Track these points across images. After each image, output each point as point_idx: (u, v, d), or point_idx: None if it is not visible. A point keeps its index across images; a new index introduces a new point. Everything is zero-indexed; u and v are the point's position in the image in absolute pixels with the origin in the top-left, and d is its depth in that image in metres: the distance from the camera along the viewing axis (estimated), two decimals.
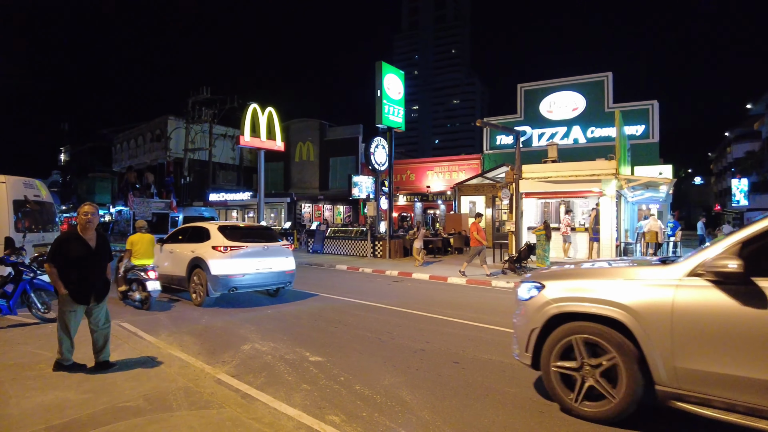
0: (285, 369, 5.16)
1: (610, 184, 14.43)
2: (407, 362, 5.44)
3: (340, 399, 4.31)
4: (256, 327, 7.18)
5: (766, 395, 2.90)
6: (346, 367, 5.22)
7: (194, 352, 5.76)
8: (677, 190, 70.86)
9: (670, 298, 3.26)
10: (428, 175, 32.21)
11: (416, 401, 4.27)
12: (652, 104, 26.24)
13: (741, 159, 52.65)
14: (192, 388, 4.40)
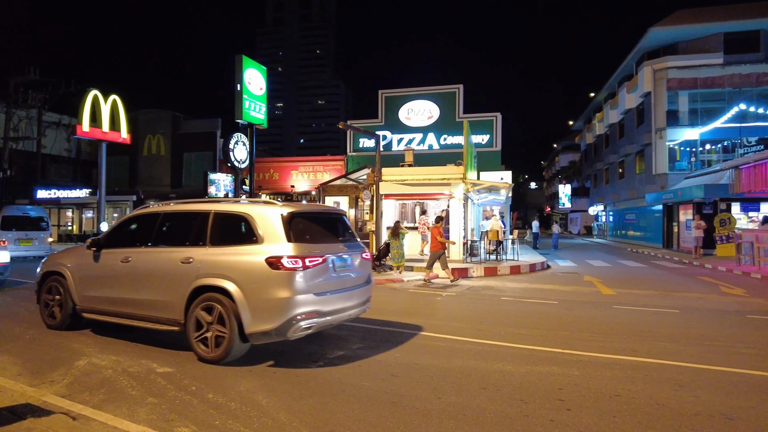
0: (128, 383, 4.78)
1: (458, 188, 15.76)
2: (263, 365, 5.39)
3: (191, 410, 4.13)
4: (93, 340, 6.50)
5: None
6: (199, 377, 5.00)
7: (13, 374, 5.04)
8: (516, 194, 79.51)
9: None
10: (293, 175, 31.88)
11: (273, 404, 4.27)
12: (496, 116, 29.16)
13: (566, 168, 61.10)
14: (6, 416, 3.86)
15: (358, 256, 6.16)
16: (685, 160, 28.26)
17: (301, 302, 5.15)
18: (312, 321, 5.29)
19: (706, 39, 27.97)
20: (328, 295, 5.47)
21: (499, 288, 12.03)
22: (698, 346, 6.38)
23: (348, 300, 5.81)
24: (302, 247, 5.29)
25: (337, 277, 5.68)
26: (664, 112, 27.89)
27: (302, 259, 5.20)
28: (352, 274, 5.98)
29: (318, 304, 5.32)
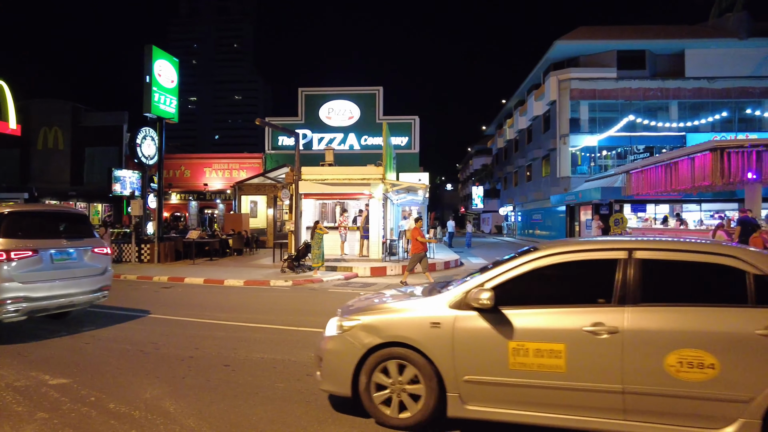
0: (14, 398, 4.33)
1: (378, 188, 15.96)
2: (173, 372, 5.13)
3: (88, 422, 3.83)
4: None
5: None
6: (99, 387, 4.65)
7: None
8: (433, 194, 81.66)
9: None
10: (206, 173, 30.58)
11: (181, 410, 4.07)
12: (414, 119, 29.86)
13: (479, 170, 63.99)
14: None
15: (88, 251, 7.07)
16: (586, 165, 30.70)
17: (6, 289, 6.00)
18: (20, 305, 6.13)
19: (603, 54, 30.58)
20: (39, 283, 6.30)
21: (416, 284, 12.31)
22: None
23: (69, 288, 6.67)
24: (11, 242, 6.17)
25: (54, 268, 6.54)
26: (567, 119, 30.11)
27: (7, 252, 6.07)
28: (78, 267, 6.86)
29: (26, 291, 6.17)
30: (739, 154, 13.64)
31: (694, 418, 3.15)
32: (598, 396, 3.30)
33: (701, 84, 29.02)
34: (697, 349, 3.13)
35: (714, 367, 3.09)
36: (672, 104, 29.72)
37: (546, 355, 3.37)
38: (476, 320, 3.58)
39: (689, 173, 15.17)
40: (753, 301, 3.20)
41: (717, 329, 3.15)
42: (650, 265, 3.46)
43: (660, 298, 3.38)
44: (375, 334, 3.83)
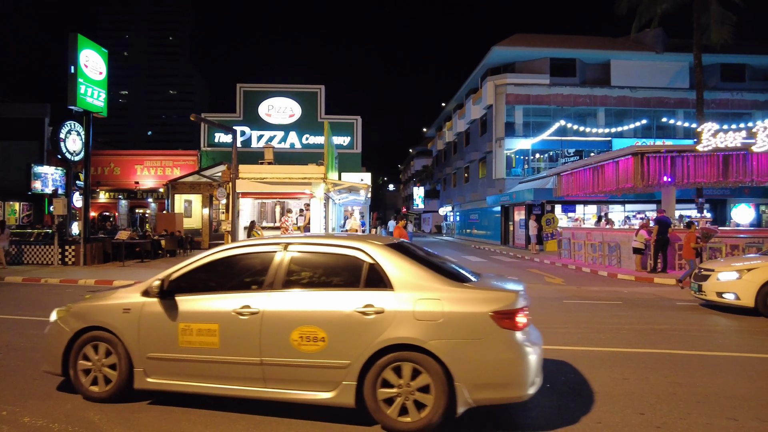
0: None
1: (319, 187, 15.86)
2: None
3: None
4: None
5: None
6: (13, 400, 4.32)
7: None
8: (376, 195, 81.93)
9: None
10: (138, 170, 29.14)
11: (107, 419, 3.87)
12: (357, 119, 29.92)
13: (420, 171, 65.03)
14: None
15: None
16: (520, 167, 31.97)
17: None
18: None
19: (537, 61, 31.96)
20: None
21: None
22: None
23: None
24: None
25: None
26: (503, 123, 31.21)
27: None
28: None
29: None
30: (656, 159, 14.70)
31: (312, 383, 3.71)
32: (243, 368, 3.83)
33: (625, 93, 31.05)
34: (313, 325, 3.70)
35: (324, 339, 3.66)
36: (599, 111, 31.56)
37: (205, 334, 3.91)
38: (156, 306, 4.09)
39: (614, 176, 16.17)
40: (363, 285, 3.82)
41: (328, 308, 3.74)
42: (297, 256, 4.10)
43: (298, 283, 3.98)
44: (81, 320, 4.29)
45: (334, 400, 3.65)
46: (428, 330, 3.54)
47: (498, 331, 3.50)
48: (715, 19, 19.92)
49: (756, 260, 8.67)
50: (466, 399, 3.47)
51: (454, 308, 3.57)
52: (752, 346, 6.42)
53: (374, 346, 3.56)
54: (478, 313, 3.54)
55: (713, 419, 3.90)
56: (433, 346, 3.49)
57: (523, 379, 3.50)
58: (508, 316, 3.53)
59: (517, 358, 3.50)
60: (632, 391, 4.52)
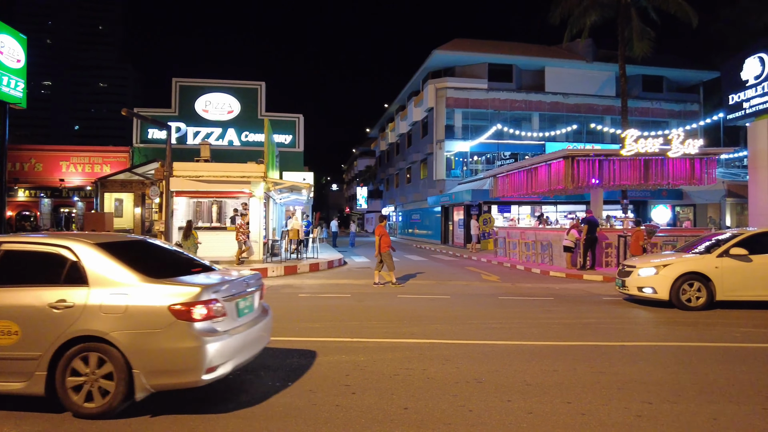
0: None
1: (259, 186, 15.51)
2: None
3: None
4: None
5: None
6: None
7: None
8: (319, 194, 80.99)
9: None
10: (63, 167, 27.33)
11: None
12: (299, 118, 29.54)
13: (363, 171, 65.16)
14: None
15: None
16: (459, 169, 32.78)
17: None
18: None
19: (476, 66, 32.90)
20: None
21: (298, 285, 12.21)
22: (462, 325, 7.48)
23: None
24: None
25: None
26: (443, 126, 31.89)
27: None
28: None
29: None
30: (585, 162, 15.54)
31: (5, 375, 3.87)
32: None
33: (558, 99, 32.62)
34: (8, 320, 3.88)
35: (18, 333, 3.86)
36: (534, 115, 32.96)
37: None
38: None
39: (546, 178, 16.93)
40: (63, 281, 4.05)
41: (24, 304, 3.93)
42: (10, 254, 4.25)
43: (5, 280, 4.11)
44: None
45: (26, 389, 3.83)
46: (112, 322, 3.82)
47: (175, 322, 3.81)
48: (636, 33, 21.35)
49: (670, 257, 9.39)
50: (144, 385, 3.78)
51: (138, 302, 3.86)
52: (666, 335, 6.94)
53: (63, 338, 3.79)
54: (157, 306, 3.84)
55: (631, 403, 4.19)
56: (114, 336, 3.78)
57: (199, 365, 3.80)
58: (185, 308, 3.82)
59: (194, 347, 3.79)
60: (561, 382, 4.77)
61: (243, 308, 4.44)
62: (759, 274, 8.62)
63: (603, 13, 22.27)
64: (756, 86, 15.24)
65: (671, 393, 4.46)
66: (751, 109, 15.44)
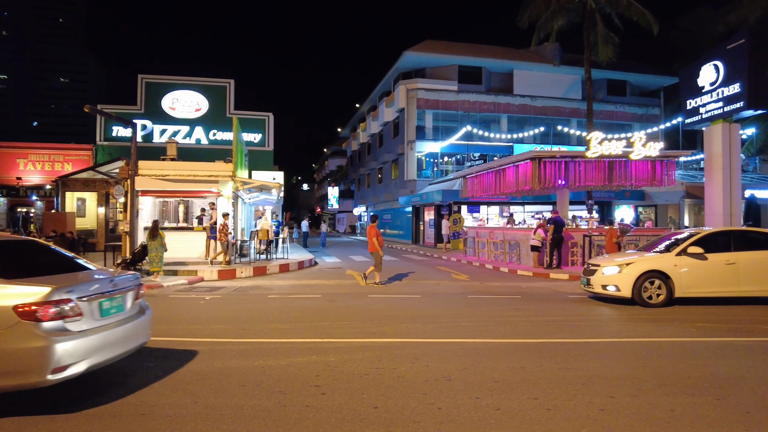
0: None
1: (227, 186, 15.27)
2: None
3: None
4: None
5: None
6: None
7: None
8: (289, 194, 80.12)
9: None
10: (20, 164, 26.30)
11: None
12: (268, 116, 29.22)
13: (334, 171, 64.90)
14: None
15: None
16: (430, 169, 33.04)
17: None
18: None
19: (447, 68, 33.23)
20: None
21: (268, 287, 12.08)
22: (432, 323, 7.55)
23: None
24: None
25: None
26: (414, 127, 32.08)
27: None
28: None
29: None
30: (552, 163, 15.90)
31: None
32: None
33: (526, 101, 33.25)
34: None
35: None
36: (503, 117, 33.50)
37: None
38: None
39: (514, 178, 17.24)
40: None
41: None
42: None
43: None
44: None
45: None
46: None
47: (20, 323, 3.78)
48: (601, 38, 21.95)
49: (633, 256, 9.70)
50: None
51: None
52: (629, 331, 7.17)
53: None
54: (1, 306, 3.79)
55: (594, 398, 4.31)
56: None
57: (45, 366, 3.77)
58: (31, 309, 3.81)
59: (39, 347, 3.77)
60: (528, 379, 4.87)
61: (108, 308, 4.45)
62: (714, 271, 9.00)
63: (569, 18, 22.83)
64: (711, 92, 15.89)
65: (632, 387, 4.61)
66: (707, 114, 16.09)
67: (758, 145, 29.51)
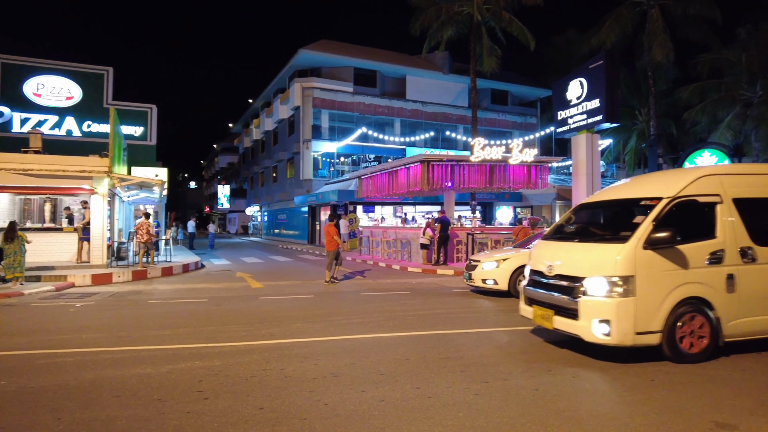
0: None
1: (102, 182, 14.01)
2: None
3: None
4: None
5: None
6: None
7: None
8: (175, 193, 75.41)
9: None
10: None
11: None
12: (151, 108, 27.18)
13: (225, 168, 62.19)
14: None
15: None
16: (326, 169, 33.03)
17: None
18: None
19: (343, 69, 33.44)
20: None
21: (148, 291, 11.29)
22: (323, 322, 7.60)
23: None
24: None
25: None
26: (310, 126, 31.85)
27: None
28: None
29: None
30: (440, 166, 16.75)
31: None
32: None
33: (417, 106, 34.57)
34: None
35: None
36: (396, 121, 34.51)
37: None
38: None
39: (406, 180, 17.90)
40: None
41: None
42: None
43: None
44: None
45: None
46: None
47: None
48: (486, 50, 23.57)
49: (510, 252, 10.58)
50: None
51: None
52: (504, 321, 7.82)
53: None
54: None
55: (471, 384, 4.67)
56: None
57: None
58: None
59: None
60: (412, 370, 5.12)
61: None
62: None
63: (458, 29, 24.20)
64: (577, 105, 17.77)
65: (504, 372, 5.06)
66: (574, 124, 17.95)
67: (615, 154, 33.64)
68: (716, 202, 5.57)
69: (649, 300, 5.17)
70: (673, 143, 31.64)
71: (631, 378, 4.85)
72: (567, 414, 3.95)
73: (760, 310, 5.54)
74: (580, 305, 5.36)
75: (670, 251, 5.27)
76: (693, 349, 5.28)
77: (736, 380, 4.82)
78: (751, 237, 5.56)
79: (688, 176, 5.72)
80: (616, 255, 5.23)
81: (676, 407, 4.07)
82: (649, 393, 4.42)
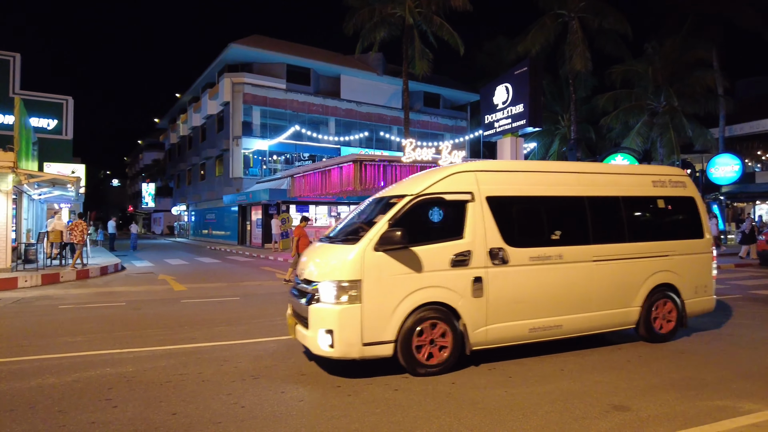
0: None
1: (6, 179, 12.91)
2: None
3: None
4: None
5: None
6: None
7: None
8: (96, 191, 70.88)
9: None
10: None
11: None
12: (67, 100, 25.38)
13: (150, 165, 59.18)
14: None
15: None
16: (257, 167, 32.27)
17: None
18: None
19: (275, 65, 32.80)
20: None
21: (60, 296, 10.53)
22: (248, 325, 7.45)
23: None
24: None
25: None
26: (240, 122, 31.00)
27: None
28: None
29: None
30: (372, 166, 16.90)
31: None
32: None
33: (352, 106, 34.61)
34: None
35: None
36: (330, 120, 34.35)
37: None
38: None
39: (339, 179, 17.90)
40: None
41: None
42: None
43: None
44: None
45: None
46: None
47: None
48: (418, 53, 24.04)
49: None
50: None
51: None
52: None
53: None
54: None
55: (391, 381, 4.75)
56: None
57: None
58: None
59: None
60: (335, 364, 5.14)
61: None
62: None
63: (391, 31, 24.49)
64: (503, 110, 18.53)
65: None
66: (500, 128, 18.70)
67: (539, 157, 35.40)
68: (466, 201, 5.17)
69: (379, 307, 4.70)
70: (592, 147, 33.73)
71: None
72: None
73: (511, 315, 5.20)
74: (309, 313, 4.81)
75: (404, 253, 4.80)
76: (432, 360, 4.86)
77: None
78: (503, 237, 5.21)
79: (440, 173, 5.34)
80: (346, 257, 4.75)
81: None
82: None
